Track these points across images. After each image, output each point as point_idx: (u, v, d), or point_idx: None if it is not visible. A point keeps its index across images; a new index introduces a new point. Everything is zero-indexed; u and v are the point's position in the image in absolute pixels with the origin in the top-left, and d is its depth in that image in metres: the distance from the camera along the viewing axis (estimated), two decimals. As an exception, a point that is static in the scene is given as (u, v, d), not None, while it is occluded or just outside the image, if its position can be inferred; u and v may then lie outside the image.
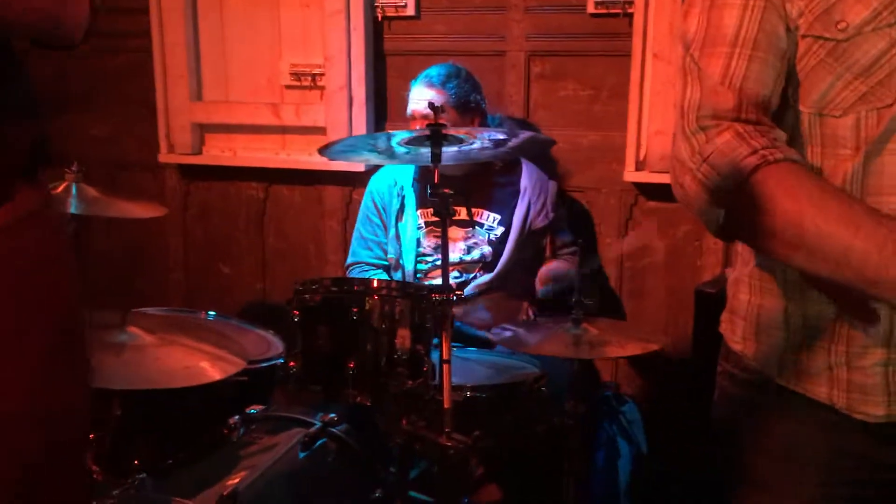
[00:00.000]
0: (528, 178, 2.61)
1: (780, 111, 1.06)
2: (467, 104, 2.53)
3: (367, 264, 2.68)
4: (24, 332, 1.00)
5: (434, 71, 2.55)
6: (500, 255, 2.57)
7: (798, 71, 1.03)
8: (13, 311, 0.99)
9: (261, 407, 2.08)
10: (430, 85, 2.50)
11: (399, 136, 1.85)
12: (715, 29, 1.04)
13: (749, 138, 1.00)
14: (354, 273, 2.69)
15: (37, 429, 1.01)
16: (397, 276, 2.60)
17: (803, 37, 1.01)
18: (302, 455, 1.93)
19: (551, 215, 2.62)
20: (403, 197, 2.61)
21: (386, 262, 2.66)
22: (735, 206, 1.01)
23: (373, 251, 2.68)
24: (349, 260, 2.74)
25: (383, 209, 2.65)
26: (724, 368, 1.24)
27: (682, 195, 1.07)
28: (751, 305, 1.17)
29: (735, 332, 1.20)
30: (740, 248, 1.21)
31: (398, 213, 2.61)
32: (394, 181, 2.64)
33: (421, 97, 2.48)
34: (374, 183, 2.70)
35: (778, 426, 1.15)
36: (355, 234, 2.74)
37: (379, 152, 2.00)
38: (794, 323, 1.11)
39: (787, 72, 1.03)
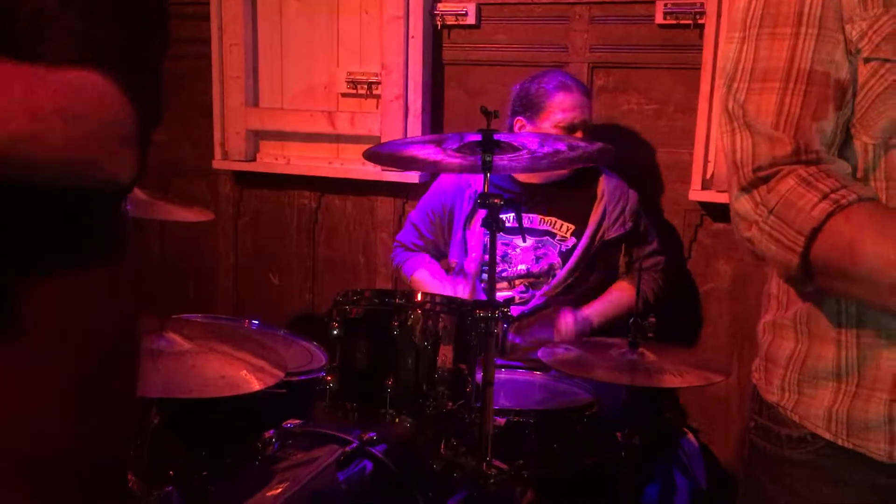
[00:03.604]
0: (606, 184, 2.48)
1: (841, 143, 0.95)
2: None
3: (406, 247, 2.65)
4: (57, 363, 0.95)
5: (572, 78, 2.47)
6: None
7: (861, 98, 0.93)
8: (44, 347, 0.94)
9: (298, 421, 2.01)
10: (585, 93, 2.44)
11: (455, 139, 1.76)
12: (764, 62, 0.95)
13: (816, 181, 0.90)
14: (397, 251, 2.66)
15: (72, 463, 0.98)
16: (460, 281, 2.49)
17: (867, 60, 0.91)
18: (338, 474, 1.85)
19: (629, 225, 2.47)
20: (476, 201, 2.48)
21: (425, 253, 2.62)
22: (811, 255, 0.91)
23: (415, 239, 2.63)
24: (397, 236, 2.71)
25: (449, 208, 2.53)
26: (757, 423, 1.11)
27: (750, 248, 0.98)
28: (795, 352, 1.04)
29: (772, 383, 1.08)
30: (775, 290, 1.10)
31: (469, 218, 2.49)
32: (467, 182, 2.51)
33: (583, 105, 2.41)
34: (444, 181, 2.59)
35: (822, 487, 1.02)
36: (410, 216, 2.68)
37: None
38: (849, 370, 0.98)
39: (849, 101, 0.93)
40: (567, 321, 2.30)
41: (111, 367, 1.02)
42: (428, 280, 2.50)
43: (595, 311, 2.39)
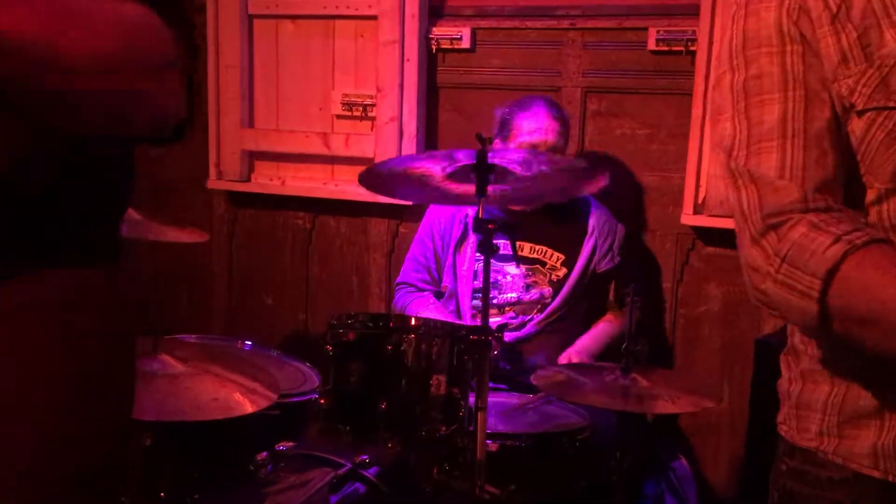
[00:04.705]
0: (596, 218, 2.51)
1: (857, 196, 0.95)
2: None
3: (414, 286, 2.60)
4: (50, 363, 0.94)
5: (548, 104, 2.46)
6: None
7: (865, 148, 0.93)
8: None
9: (290, 444, 2.01)
10: (556, 118, 2.42)
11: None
12: (758, 126, 0.96)
13: (827, 226, 0.90)
14: (401, 292, 2.61)
15: (59, 464, 0.96)
16: (451, 307, 2.50)
17: (861, 112, 0.92)
18: (330, 497, 1.85)
19: (617, 259, 2.51)
20: (467, 225, 2.50)
21: (434, 287, 2.58)
22: (828, 300, 0.89)
23: (420, 274, 2.59)
24: (398, 279, 2.67)
25: (441, 236, 2.55)
26: (789, 467, 1.07)
27: (765, 302, 0.96)
28: (832, 396, 1.02)
29: (808, 430, 1.05)
30: (800, 344, 1.07)
31: (459, 243, 2.51)
32: (458, 207, 2.53)
33: (548, 129, 2.39)
34: (436, 209, 2.61)
35: None
36: (409, 254, 2.66)
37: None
38: (892, 406, 0.97)
39: (852, 155, 0.94)
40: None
41: (108, 373, 1.01)
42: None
43: (585, 346, 2.40)
